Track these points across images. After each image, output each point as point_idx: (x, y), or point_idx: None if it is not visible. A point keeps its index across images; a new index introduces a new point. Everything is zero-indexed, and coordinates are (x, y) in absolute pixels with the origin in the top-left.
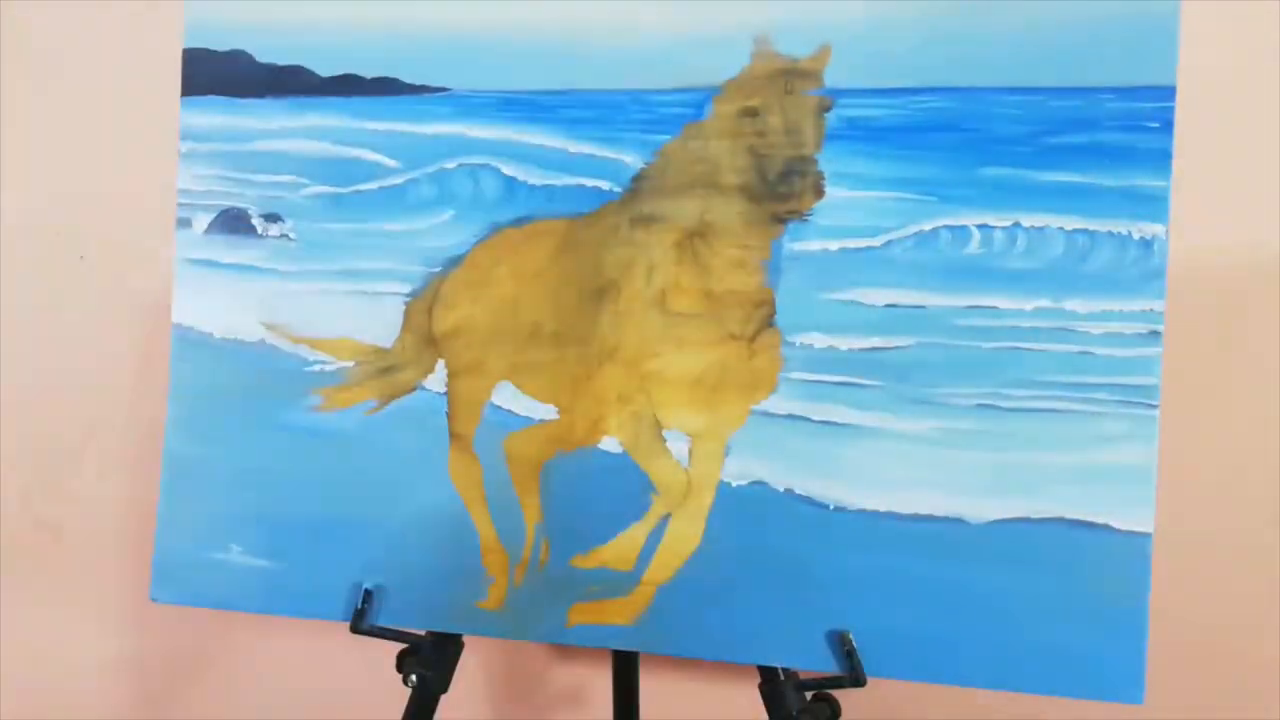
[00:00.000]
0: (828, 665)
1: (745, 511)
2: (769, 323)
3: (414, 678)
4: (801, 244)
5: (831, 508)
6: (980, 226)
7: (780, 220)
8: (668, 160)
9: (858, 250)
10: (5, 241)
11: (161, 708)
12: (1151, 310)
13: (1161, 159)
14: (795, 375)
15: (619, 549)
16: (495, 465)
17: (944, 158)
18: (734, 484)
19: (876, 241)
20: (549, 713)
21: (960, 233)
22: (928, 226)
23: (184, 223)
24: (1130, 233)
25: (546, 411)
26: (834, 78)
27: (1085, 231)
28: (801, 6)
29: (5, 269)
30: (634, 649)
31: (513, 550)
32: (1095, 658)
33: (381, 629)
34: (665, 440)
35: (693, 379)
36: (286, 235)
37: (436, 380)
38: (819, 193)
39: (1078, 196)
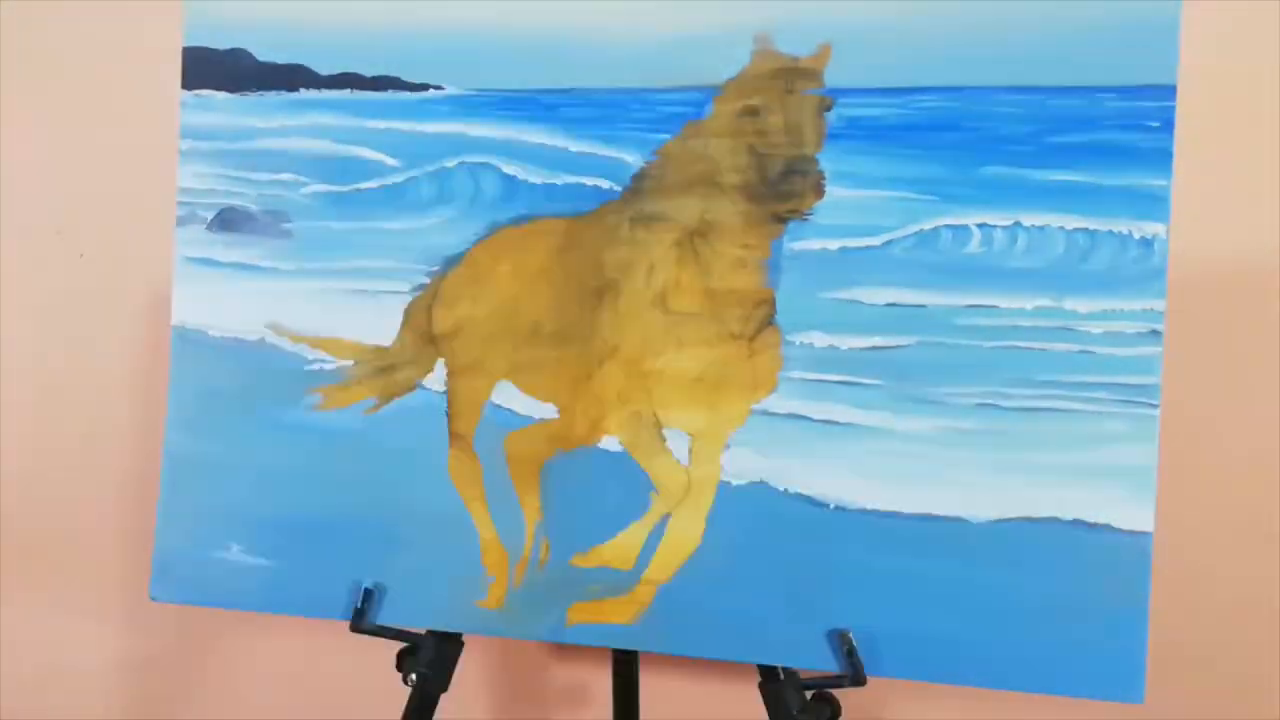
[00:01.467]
0: (828, 665)
1: (745, 511)
2: (769, 322)
3: (414, 677)
4: (802, 243)
5: (831, 507)
6: (981, 226)
7: (781, 219)
8: (668, 159)
9: (858, 250)
10: (5, 241)
11: (161, 708)
12: (1152, 310)
13: (1162, 158)
14: (795, 374)
15: (619, 548)
16: (495, 464)
17: (944, 157)
18: (734, 483)
19: (877, 241)
20: (549, 713)
21: (961, 232)
22: (928, 226)
23: (184, 221)
24: (1131, 232)
25: (546, 411)
26: (834, 77)
27: (1086, 231)
28: (802, 6)
29: (5, 269)
30: (634, 648)
31: (513, 549)
32: (1095, 658)
33: (381, 628)
34: (665, 439)
35: (693, 378)
36: (286, 234)
37: (436, 379)
38: (819, 192)
39: (1078, 196)
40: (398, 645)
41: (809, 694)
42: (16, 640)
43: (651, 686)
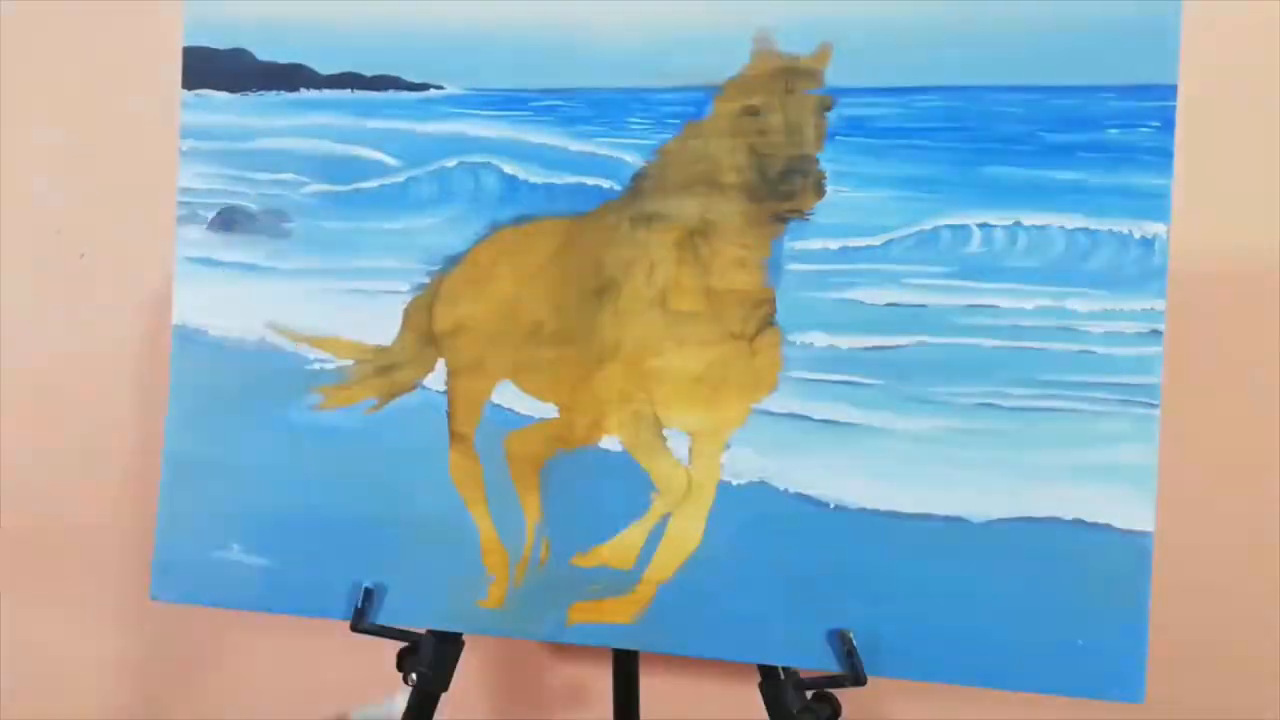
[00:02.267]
0: (828, 664)
1: (746, 510)
2: (769, 321)
3: (414, 677)
4: (802, 243)
5: (832, 507)
6: (981, 225)
7: (781, 219)
8: (668, 159)
9: (858, 249)
10: (5, 241)
11: (161, 708)
12: (1152, 309)
13: (1162, 158)
14: (796, 374)
15: (619, 548)
16: (496, 464)
17: (945, 157)
18: (735, 483)
19: (877, 240)
20: (549, 712)
21: (961, 232)
22: (928, 226)
23: (184, 221)
24: (1131, 232)
25: (547, 410)
26: (835, 76)
27: (1086, 230)
28: (802, 6)
29: (5, 269)
30: (634, 648)
31: (513, 549)
32: (1095, 657)
33: (382, 628)
34: (666, 439)
35: (693, 378)
36: (286, 234)
37: (437, 379)
38: (820, 192)
39: (1078, 196)
40: (398, 645)
41: (809, 694)
42: (16, 640)
43: (651, 686)
